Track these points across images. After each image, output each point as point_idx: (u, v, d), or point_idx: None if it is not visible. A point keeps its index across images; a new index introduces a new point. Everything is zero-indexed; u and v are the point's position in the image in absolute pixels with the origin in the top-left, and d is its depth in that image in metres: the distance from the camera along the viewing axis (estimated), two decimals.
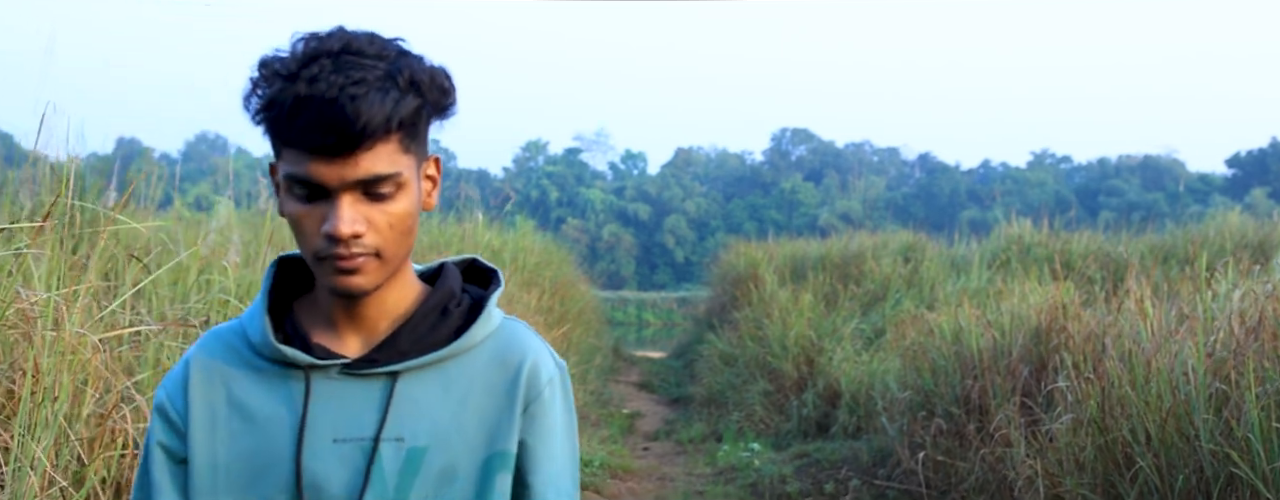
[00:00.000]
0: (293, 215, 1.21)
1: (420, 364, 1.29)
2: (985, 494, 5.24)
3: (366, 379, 1.28)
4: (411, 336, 1.29)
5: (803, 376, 10.15)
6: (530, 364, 1.33)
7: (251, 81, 1.20)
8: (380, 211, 1.20)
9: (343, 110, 1.14)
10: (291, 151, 1.18)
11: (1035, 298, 6.64)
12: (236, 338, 1.33)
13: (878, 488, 6.32)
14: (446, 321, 1.32)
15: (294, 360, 1.27)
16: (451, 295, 1.34)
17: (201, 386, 1.30)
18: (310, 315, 1.33)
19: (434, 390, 1.30)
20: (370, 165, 1.18)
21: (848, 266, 14.11)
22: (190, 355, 1.35)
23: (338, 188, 1.18)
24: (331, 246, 1.19)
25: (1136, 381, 4.17)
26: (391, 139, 1.19)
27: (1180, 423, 3.86)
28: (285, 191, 1.22)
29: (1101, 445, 4.21)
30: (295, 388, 1.28)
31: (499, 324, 1.35)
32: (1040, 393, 5.34)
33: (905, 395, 6.82)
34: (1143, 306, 5.15)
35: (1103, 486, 4.17)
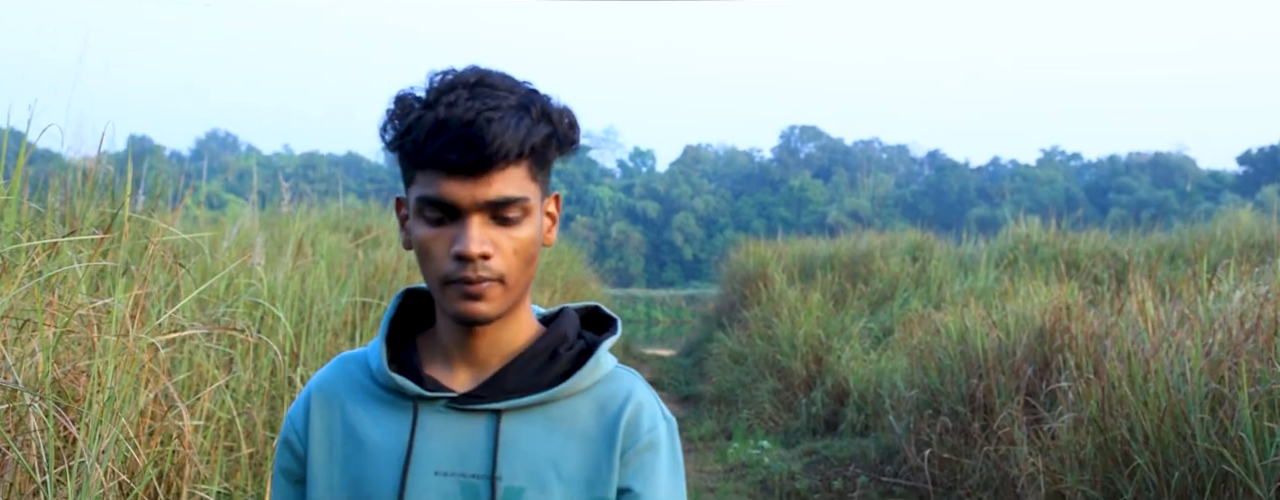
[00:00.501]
0: (421, 240, 1.24)
1: (524, 404, 1.30)
2: (989, 490, 5.38)
3: (471, 414, 1.30)
4: (518, 375, 1.31)
5: (811, 375, 10.27)
6: (631, 410, 1.33)
7: (387, 112, 1.25)
8: (507, 236, 1.24)
9: (479, 131, 1.19)
10: (425, 174, 1.22)
11: (1040, 298, 6.77)
12: (358, 365, 1.37)
13: (885, 484, 6.46)
14: (555, 364, 1.33)
15: (404, 389, 1.31)
16: (563, 338, 1.35)
17: (321, 412, 1.35)
18: (428, 349, 1.36)
19: (536, 432, 1.31)
20: (501, 187, 1.22)
21: (856, 266, 14.22)
22: (315, 381, 1.40)
23: (469, 209, 1.22)
24: (460, 269, 1.22)
25: (1135, 382, 4.31)
26: (522, 164, 1.23)
27: (1177, 422, 4.00)
28: (415, 216, 1.25)
29: (1101, 443, 4.35)
30: (404, 418, 1.31)
31: (608, 371, 1.36)
32: (1043, 392, 5.47)
33: (912, 394, 6.96)
34: (1144, 308, 5.28)
35: (1102, 483, 4.31)
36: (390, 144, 1.25)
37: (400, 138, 1.23)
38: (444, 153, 1.19)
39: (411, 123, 1.21)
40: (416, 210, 1.25)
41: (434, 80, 1.24)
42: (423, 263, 1.26)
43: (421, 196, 1.23)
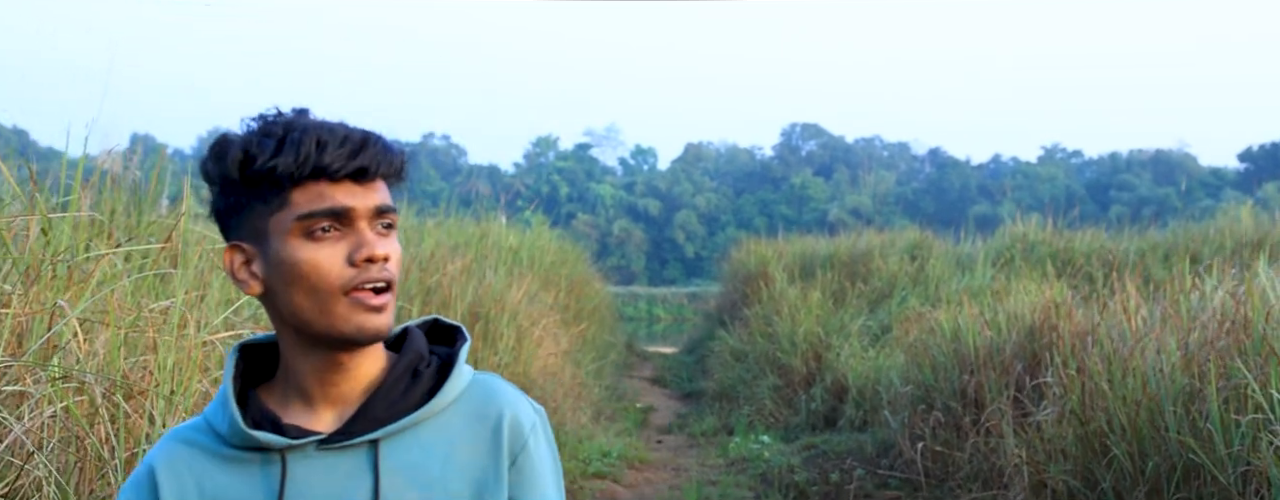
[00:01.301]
0: (306, 259, 1.21)
1: (397, 429, 1.29)
2: (977, 481, 5.62)
3: (346, 451, 1.28)
4: (385, 403, 1.29)
5: (811, 372, 10.50)
6: (510, 416, 1.32)
7: (218, 157, 1.23)
8: (392, 245, 1.25)
9: (363, 138, 1.22)
10: (308, 190, 1.21)
11: (1030, 297, 7.02)
12: (199, 433, 1.31)
13: (880, 477, 6.70)
14: (418, 384, 1.31)
15: (267, 444, 1.25)
16: (420, 357, 1.33)
17: (171, 486, 1.28)
18: (277, 397, 1.31)
19: (415, 454, 1.29)
20: (384, 194, 1.25)
21: (856, 265, 14.43)
22: (151, 458, 1.31)
23: (360, 215, 1.22)
24: (361, 274, 1.21)
25: (1114, 377, 4.55)
26: (386, 181, 1.26)
27: (1152, 415, 4.24)
28: (290, 239, 1.22)
29: (1081, 435, 4.59)
30: (271, 472, 1.27)
31: (470, 379, 1.35)
32: (1029, 386, 5.72)
33: (907, 389, 7.20)
34: (1126, 306, 5.52)
35: (1082, 473, 4.55)
36: (259, 168, 1.20)
37: (272, 158, 1.20)
38: (334, 160, 1.20)
39: (274, 150, 1.20)
40: (296, 230, 1.21)
41: (268, 117, 1.24)
42: (307, 285, 1.22)
43: (309, 212, 1.21)
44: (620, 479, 7.44)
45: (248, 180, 1.22)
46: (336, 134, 1.21)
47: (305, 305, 1.22)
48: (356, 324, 1.22)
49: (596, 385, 10.99)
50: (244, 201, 1.24)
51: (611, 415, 10.47)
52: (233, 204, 1.25)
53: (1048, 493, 4.73)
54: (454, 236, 11.08)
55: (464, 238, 11.25)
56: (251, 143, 1.21)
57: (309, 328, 1.23)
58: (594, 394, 10.50)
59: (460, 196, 31.22)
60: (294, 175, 1.20)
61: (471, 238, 11.48)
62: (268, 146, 1.20)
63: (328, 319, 1.22)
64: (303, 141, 1.19)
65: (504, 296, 8.41)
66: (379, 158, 1.23)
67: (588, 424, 9.08)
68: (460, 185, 58.42)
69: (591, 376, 10.95)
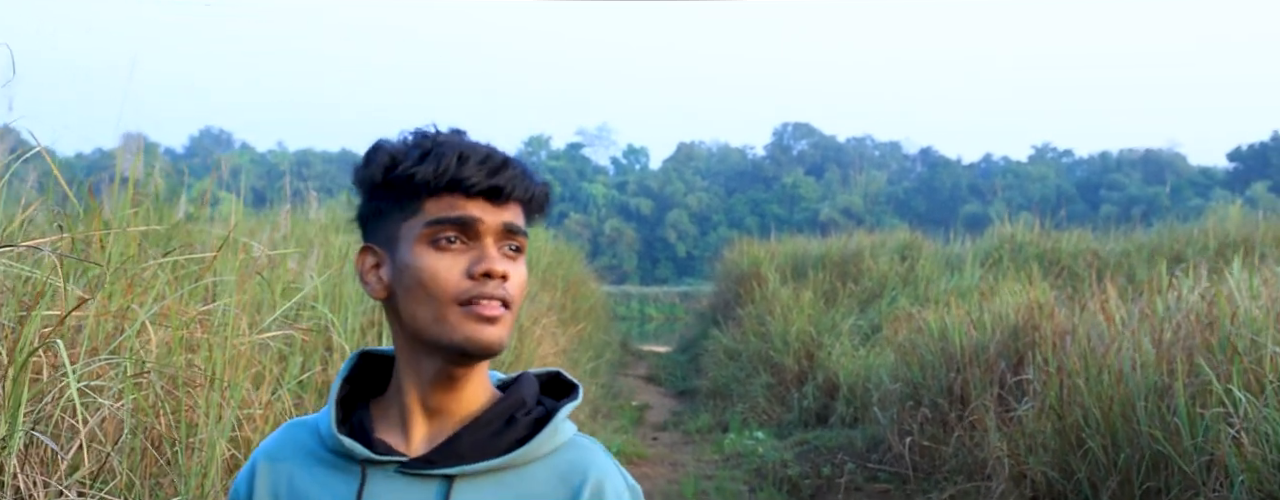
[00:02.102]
0: (427, 266, 1.23)
1: (477, 470, 1.27)
2: (962, 474, 5.89)
3: (422, 479, 1.27)
4: (472, 440, 1.28)
5: (803, 370, 10.74)
6: (594, 482, 1.28)
7: (371, 160, 1.27)
8: (515, 267, 1.25)
9: (503, 160, 1.24)
10: (442, 200, 1.23)
11: (1015, 298, 7.28)
12: (308, 430, 1.35)
13: (870, 471, 6.96)
14: (511, 429, 1.29)
15: (352, 452, 1.28)
16: (522, 403, 1.31)
17: (266, 478, 1.34)
18: (381, 413, 1.33)
19: (487, 498, 1.27)
20: (516, 216, 1.25)
21: (847, 265, 14.68)
22: (261, 449, 1.38)
23: (487, 230, 1.23)
24: (479, 286, 1.22)
25: (1090, 374, 4.81)
26: (522, 206, 1.27)
27: (1124, 409, 4.50)
28: (417, 245, 1.24)
29: (1059, 429, 4.86)
30: (351, 482, 1.28)
31: (568, 439, 1.31)
32: (1009, 383, 5.98)
33: (896, 387, 7.47)
34: (1106, 306, 5.79)
35: (1059, 464, 4.82)
36: (400, 173, 1.24)
37: (414, 166, 1.23)
38: (473, 174, 1.22)
39: (419, 157, 1.23)
40: (424, 236, 1.23)
41: (424, 131, 1.28)
42: (425, 292, 1.23)
43: (439, 218, 1.23)
44: None
45: (389, 185, 1.26)
46: (479, 152, 1.24)
47: (421, 312, 1.24)
48: (466, 333, 1.22)
49: (593, 384, 11.23)
50: (383, 206, 1.27)
51: (608, 413, 10.72)
52: (373, 208, 1.28)
53: (1027, 483, 5.00)
54: None
55: None
56: (399, 150, 1.25)
57: (423, 335, 1.24)
58: (591, 392, 10.74)
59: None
60: (431, 184, 1.23)
61: None
62: (413, 155, 1.24)
63: (440, 327, 1.23)
64: (445, 154, 1.22)
65: None
66: (516, 181, 1.24)
67: (586, 422, 9.32)
68: None
69: (588, 375, 11.20)
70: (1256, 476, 3.51)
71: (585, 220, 62.66)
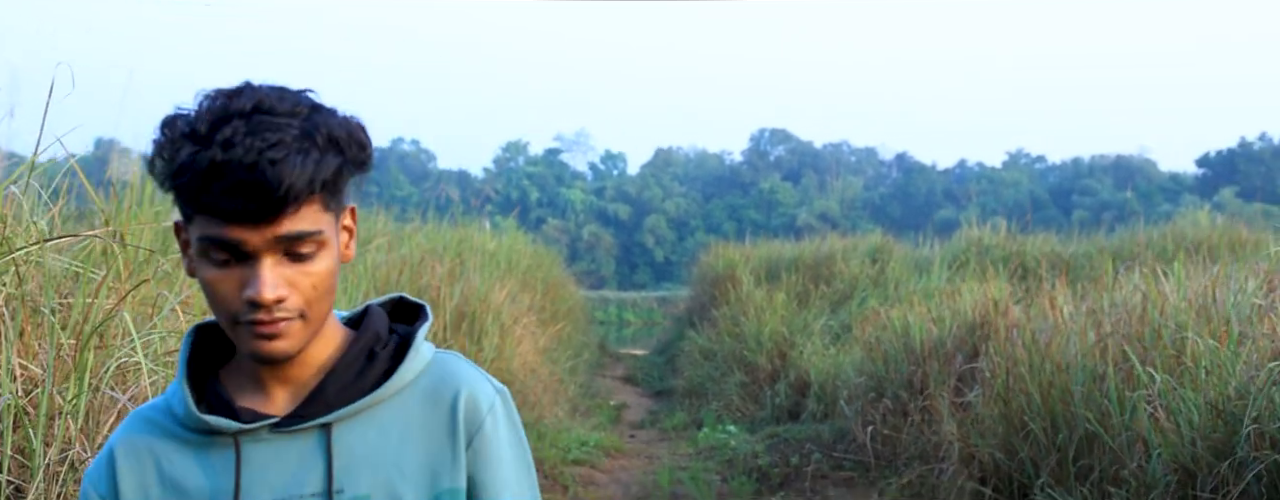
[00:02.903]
0: (207, 279, 1.17)
1: (351, 412, 1.26)
2: (919, 459, 6.26)
3: (298, 435, 1.25)
4: (338, 385, 1.26)
5: (776, 369, 11.08)
6: (466, 395, 1.29)
7: (155, 143, 1.16)
8: (302, 273, 1.18)
9: (264, 175, 1.11)
10: (206, 218, 1.14)
11: (973, 295, 7.67)
12: (161, 414, 1.29)
13: (836, 459, 7.33)
14: (373, 365, 1.28)
15: (220, 428, 1.24)
16: (377, 338, 1.30)
17: (130, 470, 1.27)
18: (235, 379, 1.29)
19: (370, 437, 1.26)
20: (292, 225, 1.15)
21: (819, 267, 15.06)
22: (114, 440, 1.30)
23: (258, 249, 1.15)
24: (253, 312, 1.16)
25: (1034, 363, 5.19)
26: (314, 199, 1.16)
27: (1063, 394, 4.88)
28: (199, 255, 1.17)
29: (1005, 413, 5.24)
30: (226, 456, 1.25)
31: (430, 359, 1.31)
32: (957, 372, 6.37)
33: (861, 380, 7.84)
34: (1054, 302, 6.17)
35: (1004, 446, 5.20)
36: (161, 185, 1.17)
37: (171, 179, 1.14)
38: (227, 199, 1.12)
39: (184, 162, 1.12)
40: (199, 251, 1.17)
41: (204, 106, 1.15)
42: (211, 301, 1.19)
43: (204, 237, 1.15)
44: (598, 465, 8.03)
45: (161, 186, 1.18)
46: (235, 164, 1.11)
47: (216, 316, 1.21)
48: (251, 347, 1.19)
49: (572, 383, 11.55)
50: (172, 190, 1.19)
51: (586, 411, 11.03)
52: (168, 185, 1.18)
53: (975, 464, 5.38)
54: (433, 241, 11.58)
55: (442, 242, 11.75)
56: (165, 147, 1.15)
57: (224, 328, 1.22)
58: (570, 391, 11.07)
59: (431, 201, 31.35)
60: (190, 201, 1.15)
61: (450, 242, 11.98)
62: (181, 158, 1.13)
63: (232, 334, 1.20)
64: (197, 168, 1.12)
65: (488, 297, 8.98)
66: (283, 190, 1.12)
67: (564, 418, 9.65)
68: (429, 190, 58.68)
69: (567, 374, 11.52)
70: (1172, 449, 3.88)
71: (563, 225, 62.83)
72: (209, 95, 1.16)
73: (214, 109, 1.14)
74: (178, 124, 1.15)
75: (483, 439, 1.29)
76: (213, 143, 1.11)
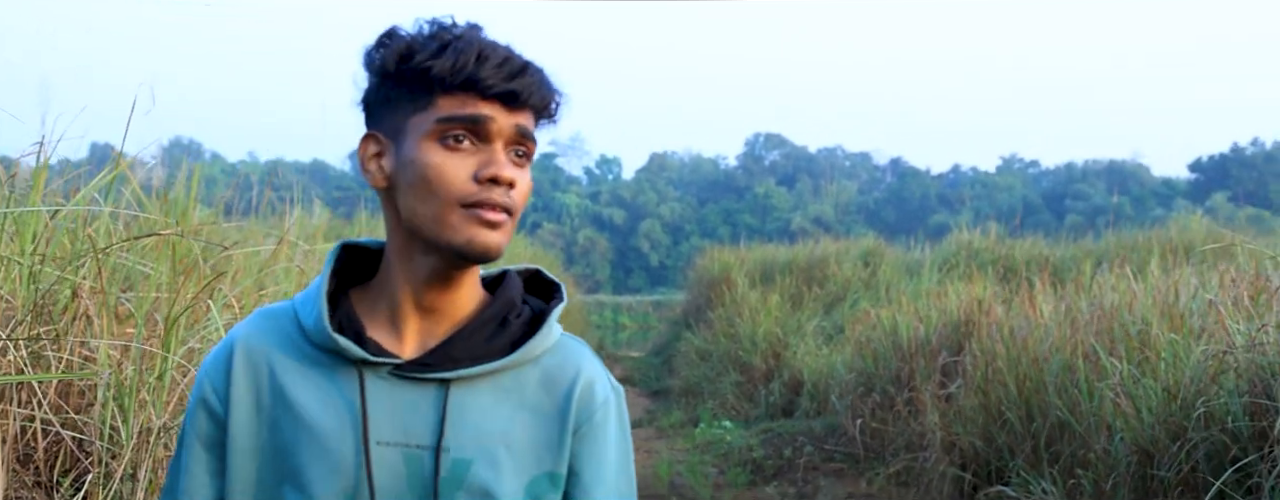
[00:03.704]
0: (434, 163, 1.18)
1: (474, 373, 1.24)
2: (906, 450, 6.60)
3: (417, 383, 1.24)
4: (467, 344, 1.25)
5: (770, 368, 11.39)
6: (584, 382, 1.28)
7: (384, 46, 1.21)
8: (521, 175, 1.21)
9: (524, 64, 1.20)
10: (456, 97, 1.18)
11: (959, 296, 8.02)
12: (286, 320, 1.28)
13: (827, 452, 7.67)
14: (505, 332, 1.27)
15: (346, 352, 1.22)
16: (512, 305, 1.29)
17: (245, 370, 1.26)
18: (367, 308, 1.27)
19: (484, 402, 1.25)
20: (529, 121, 1.21)
21: (812, 270, 15.38)
22: (235, 335, 1.29)
23: (499, 134, 1.19)
24: (485, 191, 1.18)
25: (1012, 357, 5.54)
26: (534, 113, 1.23)
27: (1037, 386, 5.23)
28: (424, 141, 1.19)
29: (984, 404, 5.59)
30: (345, 383, 1.23)
31: (557, 340, 1.30)
32: (953, 368, 6.71)
33: (851, 377, 8.18)
34: (1034, 301, 6.52)
35: (983, 434, 5.55)
36: (417, 65, 1.19)
37: (432, 58, 1.18)
38: (492, 75, 1.18)
39: (436, 50, 1.18)
40: (434, 133, 1.19)
41: (442, 22, 1.22)
42: (428, 190, 1.18)
43: (451, 116, 1.18)
44: None
45: (401, 75, 1.21)
46: (500, 52, 1.19)
47: (422, 210, 1.19)
48: (468, 236, 1.18)
49: None
50: (392, 95, 1.22)
51: None
52: (382, 96, 1.23)
53: (957, 451, 5.72)
54: None
55: None
56: (417, 40, 1.20)
57: (422, 232, 1.21)
58: None
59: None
60: (446, 80, 1.18)
61: None
62: (430, 47, 1.19)
63: (440, 227, 1.19)
64: (465, 50, 1.17)
65: None
66: (534, 86, 1.21)
67: None
68: None
69: None
70: (1132, 432, 4.22)
71: (559, 230, 63.07)
72: (435, 18, 1.23)
73: (453, 23, 1.22)
74: (407, 32, 1.21)
75: (591, 429, 1.28)
76: (464, 38, 1.20)
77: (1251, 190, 64.18)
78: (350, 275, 1.32)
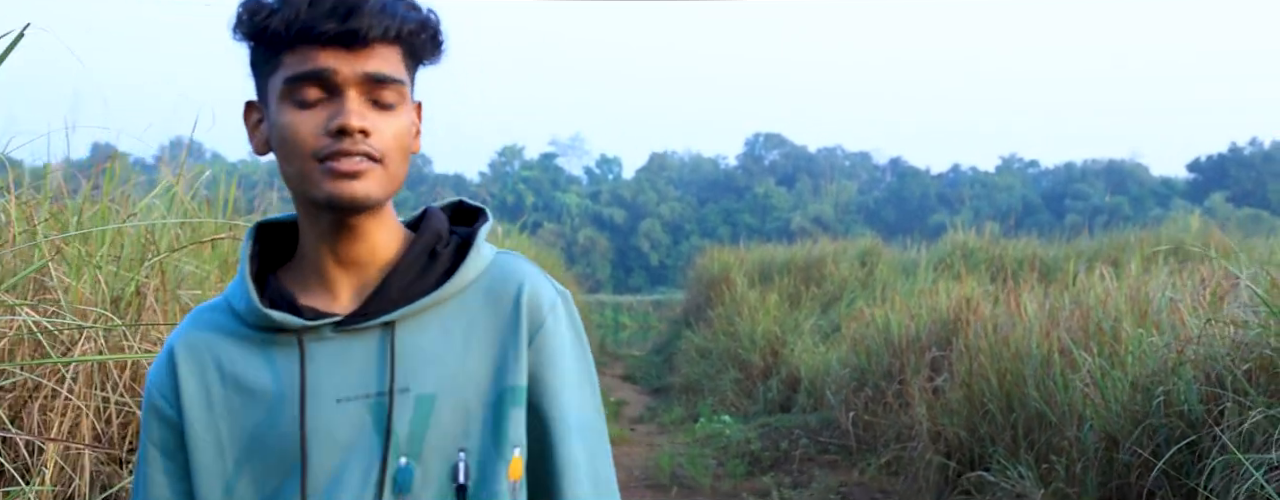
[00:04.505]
0: (288, 123, 1.18)
1: (415, 310, 1.25)
2: (896, 441, 6.93)
3: (361, 333, 1.25)
4: (401, 283, 1.26)
5: (768, 365, 11.68)
6: (529, 291, 1.29)
7: (240, 8, 1.20)
8: (385, 120, 1.19)
9: (357, 1, 1.16)
10: (297, 52, 1.17)
11: (949, 295, 8.35)
12: (221, 313, 1.30)
13: (822, 444, 8.01)
14: (436, 264, 1.28)
15: (283, 324, 1.23)
16: (438, 237, 1.30)
17: (191, 368, 1.27)
18: (295, 279, 1.29)
19: (433, 335, 1.26)
20: (380, 63, 1.18)
21: (810, 270, 15.69)
22: (173, 339, 1.31)
23: (346, 81, 1.17)
24: (336, 142, 1.17)
25: (994, 352, 5.88)
26: (396, 47, 1.20)
27: (1016, 379, 5.57)
28: (280, 101, 1.19)
29: (968, 396, 5.93)
30: (289, 353, 1.24)
31: (491, 259, 1.31)
32: (940, 359, 7.05)
33: (845, 372, 8.52)
34: (1018, 299, 6.85)
35: (967, 425, 5.89)
36: (255, 26, 1.18)
37: (268, 17, 1.17)
38: (322, 20, 1.15)
39: (274, 7, 1.17)
40: (283, 93, 1.18)
41: None
42: (287, 150, 1.19)
43: (294, 74, 1.17)
44: None
45: (254, 38, 1.20)
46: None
47: (289, 170, 1.21)
48: (328, 190, 1.18)
49: None
50: (255, 59, 1.23)
51: None
52: (251, 62, 1.23)
53: (942, 441, 6.06)
54: None
55: None
56: (251, 3, 1.19)
57: (297, 192, 1.23)
58: None
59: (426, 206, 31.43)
60: (282, 35, 1.17)
61: None
62: (266, 5, 1.18)
63: (305, 183, 1.20)
64: (295, 4, 1.15)
65: None
66: (375, 20, 1.17)
67: None
68: (426, 195, 59.16)
69: None
70: (1101, 420, 4.56)
71: (559, 230, 63.22)
72: None
73: None
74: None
75: (544, 336, 1.29)
76: None
77: (1250, 190, 64.26)
78: (277, 254, 1.34)
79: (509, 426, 1.26)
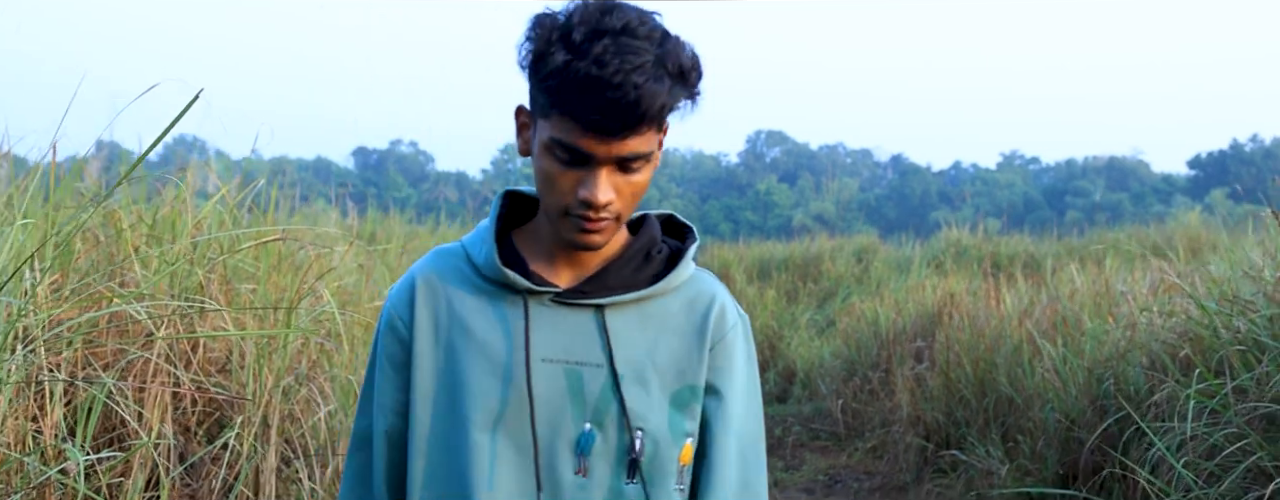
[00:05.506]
0: (548, 172, 1.30)
1: (624, 300, 1.40)
2: (882, 426, 7.39)
3: (576, 309, 1.39)
4: (618, 275, 1.41)
5: (766, 359, 12.00)
6: (718, 307, 1.45)
7: (528, 36, 1.28)
8: (627, 182, 1.31)
9: (628, 99, 1.22)
10: (563, 120, 1.26)
11: (934, 290, 8.80)
12: (459, 260, 1.45)
13: (814, 431, 8.46)
14: (649, 265, 1.44)
15: (513, 284, 1.38)
16: (653, 242, 1.46)
17: (426, 299, 1.42)
18: (529, 245, 1.44)
19: (632, 325, 1.40)
20: (635, 145, 1.28)
21: (808, 266, 16.08)
22: (416, 270, 1.45)
23: (601, 161, 1.28)
24: (583, 209, 1.30)
25: (970, 342, 6.33)
26: (654, 123, 1.28)
27: (989, 366, 6.03)
28: (543, 150, 1.29)
29: (946, 384, 6.38)
30: (512, 310, 1.39)
31: (692, 273, 1.47)
32: (924, 350, 7.50)
33: (836, 363, 8.97)
34: (997, 293, 7.30)
35: (944, 410, 6.35)
36: (555, 91, 1.25)
37: (541, 78, 1.26)
38: (589, 113, 1.23)
39: (556, 67, 1.23)
40: (546, 146, 1.29)
41: (577, 15, 1.25)
42: (542, 188, 1.33)
43: (556, 139, 1.27)
44: None
45: (544, 91, 1.28)
46: (604, 83, 1.22)
47: (543, 200, 1.35)
48: (569, 237, 1.35)
49: None
50: (531, 82, 1.32)
51: None
52: (528, 76, 1.32)
53: (922, 425, 6.52)
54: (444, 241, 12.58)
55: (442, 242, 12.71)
56: (550, 47, 1.25)
57: (546, 206, 1.36)
58: None
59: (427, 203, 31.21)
60: (553, 101, 1.26)
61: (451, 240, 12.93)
62: (555, 59, 1.24)
63: (552, 219, 1.35)
64: (564, 77, 1.23)
65: None
66: (630, 121, 1.24)
67: None
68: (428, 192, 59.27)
69: None
70: (1060, 402, 5.03)
71: None
72: (581, 3, 1.27)
73: (588, 20, 1.25)
74: (551, 25, 1.27)
75: (723, 347, 1.45)
76: (587, 56, 1.23)
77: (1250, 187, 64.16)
78: (511, 217, 1.50)
79: (685, 417, 1.43)
